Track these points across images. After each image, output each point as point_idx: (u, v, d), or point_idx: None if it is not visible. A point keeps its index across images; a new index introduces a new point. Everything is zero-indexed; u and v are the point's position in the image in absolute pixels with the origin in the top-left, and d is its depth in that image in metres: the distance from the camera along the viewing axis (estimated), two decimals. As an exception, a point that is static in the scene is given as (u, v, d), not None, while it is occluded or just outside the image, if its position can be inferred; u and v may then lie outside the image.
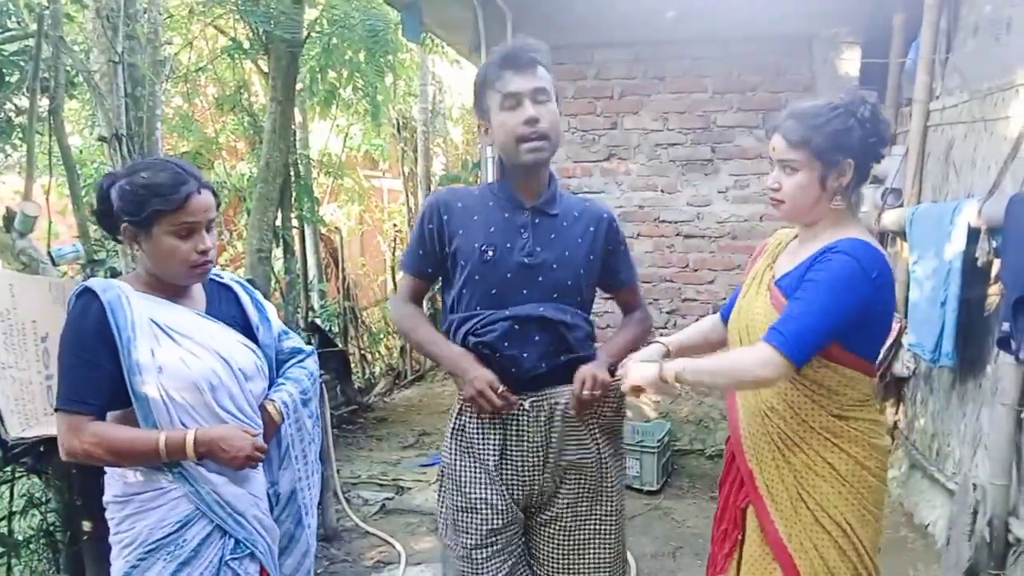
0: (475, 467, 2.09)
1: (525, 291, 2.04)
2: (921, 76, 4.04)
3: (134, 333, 1.72)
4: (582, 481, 2.13)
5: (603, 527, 2.16)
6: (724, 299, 5.07)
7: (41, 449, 2.68)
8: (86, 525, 2.81)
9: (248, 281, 2.14)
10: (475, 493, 2.08)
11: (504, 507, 2.08)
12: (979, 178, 3.48)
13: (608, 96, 5.15)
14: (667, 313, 5.16)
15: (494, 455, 2.07)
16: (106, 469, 1.83)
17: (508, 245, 2.04)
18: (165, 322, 1.78)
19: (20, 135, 3.79)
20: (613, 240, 2.19)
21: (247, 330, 1.97)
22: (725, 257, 5.09)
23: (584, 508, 2.14)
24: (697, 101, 5.04)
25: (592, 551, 2.15)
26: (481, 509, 2.07)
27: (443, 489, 2.18)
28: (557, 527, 2.14)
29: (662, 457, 4.64)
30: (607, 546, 2.17)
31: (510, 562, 2.11)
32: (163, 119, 5.20)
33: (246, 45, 5.77)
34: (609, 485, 2.16)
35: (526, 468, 2.07)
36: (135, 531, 1.76)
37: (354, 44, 6.19)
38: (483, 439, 2.08)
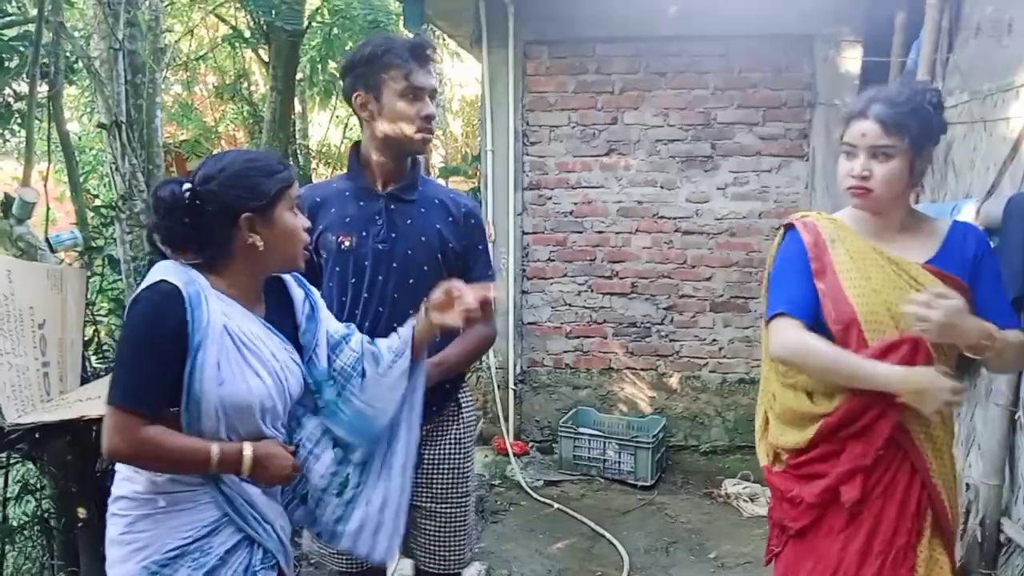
0: None
1: (381, 278, 2.08)
2: (922, 76, 4.03)
3: (207, 336, 1.59)
4: (438, 441, 2.19)
5: (456, 484, 2.21)
6: (722, 295, 5.10)
7: (36, 436, 2.68)
8: (81, 512, 2.82)
9: None
10: None
11: None
12: (978, 179, 3.48)
13: (609, 91, 5.14)
14: (664, 309, 5.15)
15: None
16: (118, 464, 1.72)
17: (363, 233, 2.10)
18: (237, 332, 1.65)
19: (19, 121, 3.79)
20: (474, 235, 2.20)
21: (293, 331, 1.81)
22: (723, 254, 5.09)
23: (439, 469, 2.19)
24: (698, 98, 5.03)
25: (444, 519, 2.20)
26: None
27: None
28: (421, 488, 2.17)
29: (656, 452, 4.65)
30: (460, 512, 2.22)
31: None
32: (163, 107, 5.19)
33: (247, 34, 5.76)
34: (461, 445, 2.23)
35: None
36: (153, 534, 1.63)
37: (355, 35, 6.17)
38: None
